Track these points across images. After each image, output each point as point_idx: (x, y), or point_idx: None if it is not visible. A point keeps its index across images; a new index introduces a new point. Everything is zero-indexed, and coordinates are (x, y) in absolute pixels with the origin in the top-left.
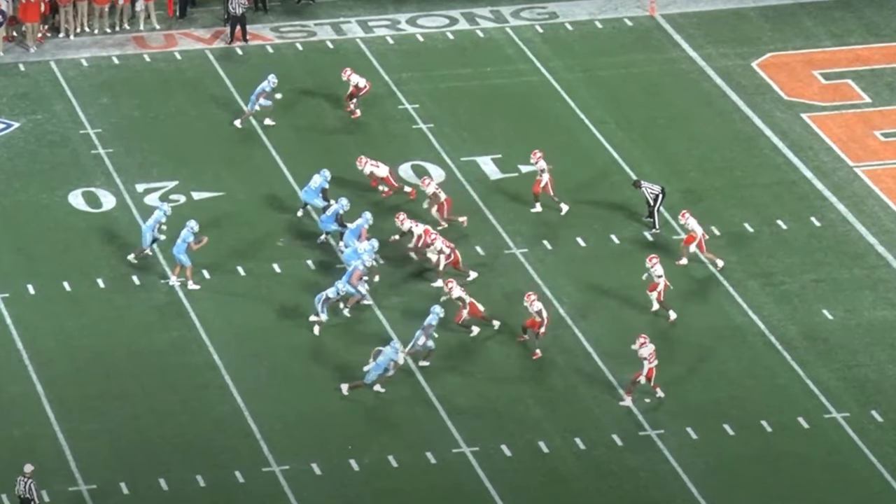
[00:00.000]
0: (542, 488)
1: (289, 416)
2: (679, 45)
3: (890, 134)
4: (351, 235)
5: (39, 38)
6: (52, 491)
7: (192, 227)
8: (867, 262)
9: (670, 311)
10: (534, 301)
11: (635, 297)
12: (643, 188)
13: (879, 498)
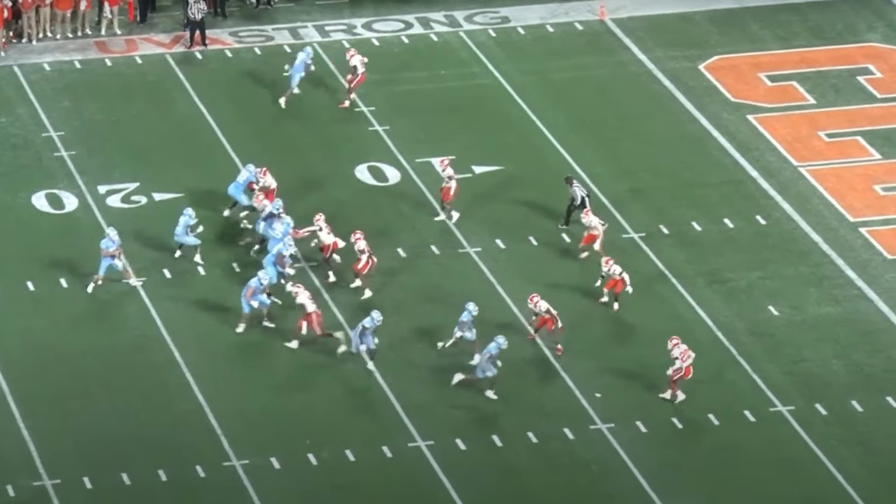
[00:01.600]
0: (495, 481)
1: (249, 413)
2: (628, 49)
3: (834, 134)
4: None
5: (3, 43)
6: (16, 486)
7: (190, 214)
8: (812, 260)
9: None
10: (538, 302)
11: (587, 294)
12: (574, 187)
13: (824, 489)
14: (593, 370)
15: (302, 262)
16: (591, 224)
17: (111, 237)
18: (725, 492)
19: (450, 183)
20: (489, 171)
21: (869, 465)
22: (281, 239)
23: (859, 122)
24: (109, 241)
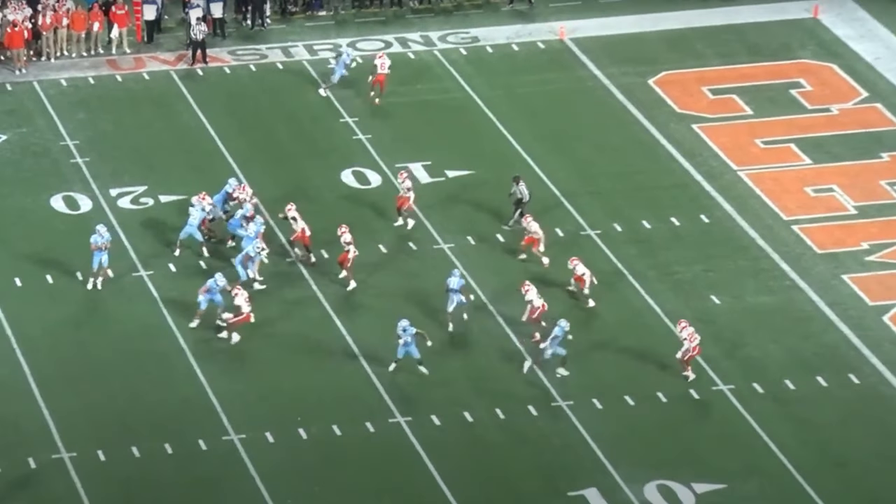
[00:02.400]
0: (467, 453)
1: (245, 393)
2: (586, 66)
3: (769, 142)
4: (248, 241)
5: (24, 61)
6: (36, 458)
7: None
8: (750, 254)
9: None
10: (528, 290)
11: (551, 285)
12: (519, 185)
13: (760, 458)
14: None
15: (292, 257)
16: (532, 229)
17: (100, 232)
18: (673, 462)
19: (408, 193)
20: (461, 175)
21: (800, 437)
22: (253, 238)
23: (792, 130)
24: (98, 237)
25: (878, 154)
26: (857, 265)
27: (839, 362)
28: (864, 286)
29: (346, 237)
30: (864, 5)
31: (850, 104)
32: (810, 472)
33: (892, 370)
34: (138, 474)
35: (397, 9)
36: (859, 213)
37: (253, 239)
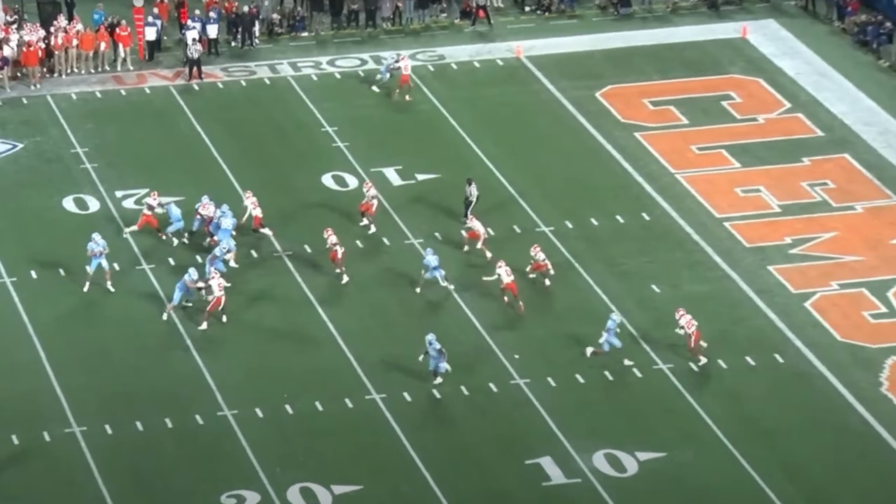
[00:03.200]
0: (436, 427)
1: (238, 373)
2: (540, 80)
3: (703, 148)
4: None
5: (38, 77)
6: (51, 432)
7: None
8: (686, 248)
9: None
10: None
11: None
12: (470, 187)
13: (696, 429)
14: (513, 337)
15: (279, 252)
16: (475, 227)
17: (96, 240)
18: (618, 433)
19: (372, 200)
20: (429, 178)
21: (731, 410)
22: (230, 231)
23: (723, 137)
24: (94, 244)
25: (800, 159)
26: (781, 257)
27: (765, 344)
28: (788, 276)
29: (332, 238)
30: (786, 26)
31: (775, 114)
32: (740, 441)
33: (812, 351)
34: (142, 446)
35: (372, 30)
36: (783, 212)
37: (230, 232)
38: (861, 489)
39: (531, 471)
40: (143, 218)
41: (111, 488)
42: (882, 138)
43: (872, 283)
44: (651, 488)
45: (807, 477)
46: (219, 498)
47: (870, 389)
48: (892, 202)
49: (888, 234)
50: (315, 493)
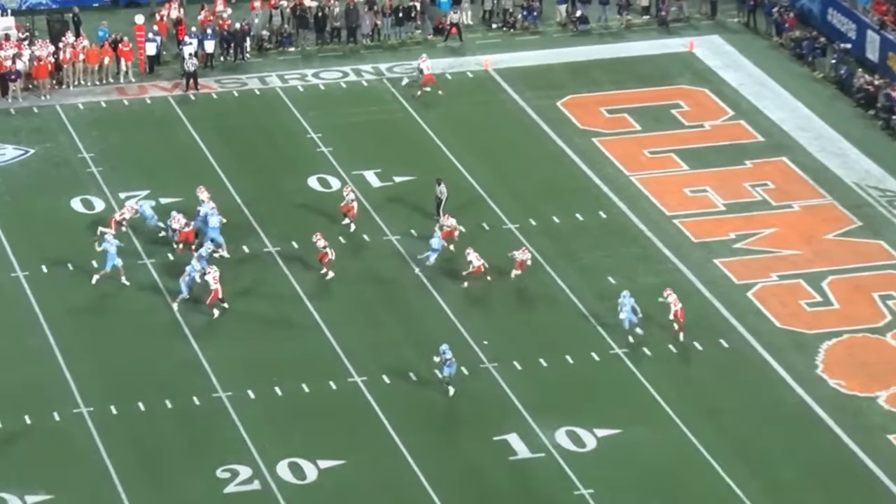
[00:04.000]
0: (411, 407)
1: (232, 358)
2: (506, 91)
3: (654, 152)
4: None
5: (48, 88)
6: (60, 413)
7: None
8: (639, 244)
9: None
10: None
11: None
12: (440, 186)
13: (647, 408)
14: (483, 325)
15: (269, 247)
16: (450, 224)
17: (109, 240)
18: (579, 412)
19: (352, 203)
20: (405, 180)
21: (680, 391)
22: (218, 229)
23: (672, 143)
24: (109, 244)
25: (743, 161)
26: (726, 251)
27: (712, 330)
28: (732, 268)
29: (320, 242)
30: (729, 41)
31: (720, 121)
32: (688, 419)
33: (754, 336)
34: (144, 425)
35: (352, 46)
36: (727, 210)
37: (218, 229)
38: (799, 461)
39: (499, 446)
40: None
41: (115, 463)
42: (817, 143)
43: (808, 274)
44: (608, 462)
45: (750, 451)
46: (214, 472)
47: (806, 372)
48: (826, 201)
49: (822, 230)
50: (302, 467)
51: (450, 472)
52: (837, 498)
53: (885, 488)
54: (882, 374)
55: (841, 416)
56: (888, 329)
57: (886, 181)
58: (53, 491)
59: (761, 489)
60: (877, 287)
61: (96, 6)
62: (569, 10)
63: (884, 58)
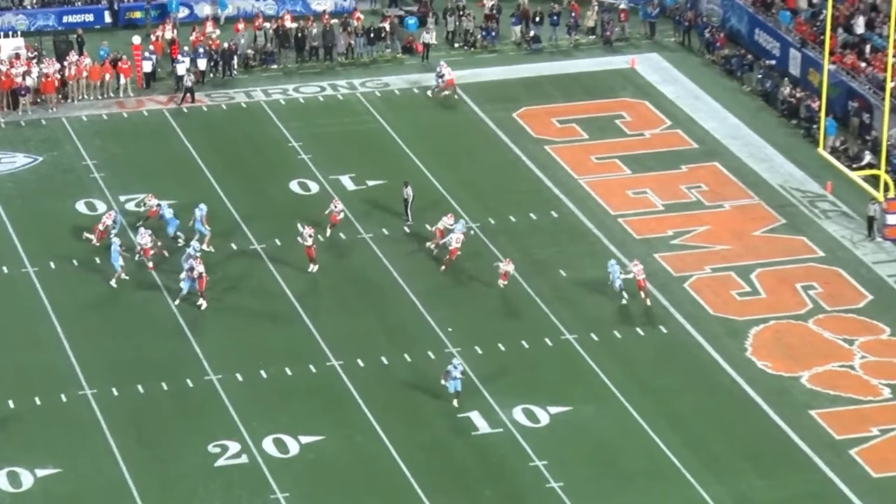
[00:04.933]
0: (383, 387)
1: (222, 344)
2: (467, 103)
3: (600, 158)
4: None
5: (55, 102)
6: (67, 394)
7: (202, 208)
8: (587, 241)
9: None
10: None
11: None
12: (407, 188)
13: (597, 390)
14: (447, 314)
15: (255, 245)
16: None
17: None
18: (533, 391)
19: (339, 215)
20: (377, 184)
21: (624, 372)
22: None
23: (616, 150)
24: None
25: (679, 166)
26: (665, 247)
27: (652, 317)
28: (670, 262)
29: (310, 239)
30: (667, 58)
31: (658, 130)
32: (631, 397)
33: (689, 322)
34: (142, 405)
35: (329, 63)
36: (665, 209)
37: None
38: (730, 434)
39: (462, 422)
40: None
41: (117, 440)
42: (745, 149)
43: (738, 267)
44: (560, 436)
45: (686, 426)
46: (206, 447)
47: (737, 354)
48: (754, 201)
49: (751, 228)
50: (285, 442)
51: (418, 446)
52: (764, 467)
53: (808, 458)
54: (804, 356)
55: (768, 394)
56: (810, 316)
57: (808, 183)
58: (61, 465)
59: (696, 459)
60: (799, 278)
61: (98, 28)
62: (523, 31)
63: (805, 73)
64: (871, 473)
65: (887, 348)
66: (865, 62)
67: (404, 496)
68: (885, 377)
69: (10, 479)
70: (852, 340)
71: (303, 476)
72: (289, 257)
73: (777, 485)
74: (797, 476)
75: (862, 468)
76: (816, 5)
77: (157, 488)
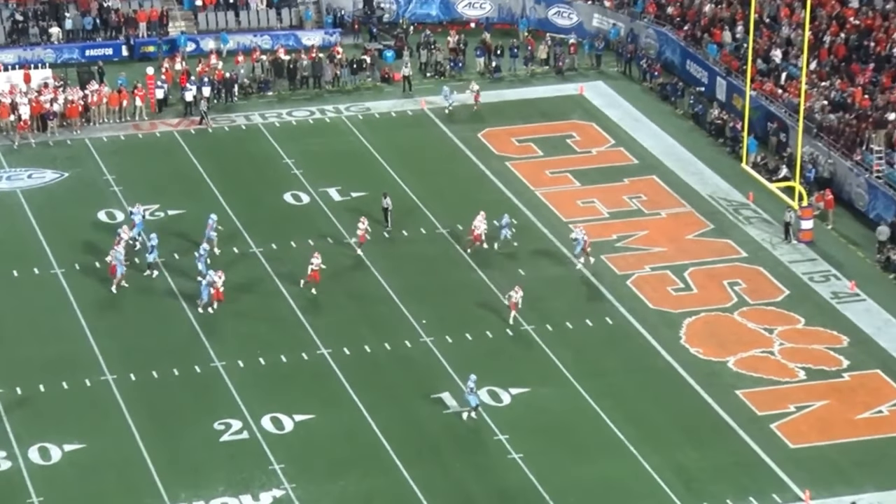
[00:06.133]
0: (366, 371)
1: (227, 333)
2: (438, 125)
3: (554, 172)
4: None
5: (79, 125)
6: (91, 380)
7: (213, 217)
8: (543, 243)
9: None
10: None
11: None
12: (386, 199)
13: (550, 371)
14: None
15: (253, 248)
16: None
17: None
18: (497, 375)
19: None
20: (360, 195)
21: (575, 358)
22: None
23: (567, 165)
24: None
25: (622, 179)
26: (610, 249)
27: (599, 310)
28: (614, 262)
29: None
30: (611, 86)
31: (604, 148)
32: (582, 379)
33: (631, 314)
34: (156, 388)
35: (317, 90)
36: (611, 217)
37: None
38: (667, 411)
39: (435, 402)
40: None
41: (134, 418)
42: (679, 164)
43: (673, 266)
44: (520, 414)
45: (629, 404)
46: (212, 425)
47: (672, 342)
48: (686, 210)
49: (683, 233)
50: (281, 420)
51: (397, 423)
52: (697, 439)
53: (734, 431)
54: (730, 343)
55: (699, 376)
56: (735, 308)
57: (732, 193)
58: (85, 441)
59: (638, 433)
60: (726, 276)
61: (116, 60)
62: (486, 62)
63: (729, 98)
64: (789, 444)
65: (802, 336)
66: (782, 88)
67: (384, 466)
68: (801, 361)
69: (41, 453)
70: (772, 329)
71: (296, 449)
72: (283, 258)
73: (707, 455)
74: (725, 447)
75: (780, 440)
76: (739, 39)
77: (168, 460)
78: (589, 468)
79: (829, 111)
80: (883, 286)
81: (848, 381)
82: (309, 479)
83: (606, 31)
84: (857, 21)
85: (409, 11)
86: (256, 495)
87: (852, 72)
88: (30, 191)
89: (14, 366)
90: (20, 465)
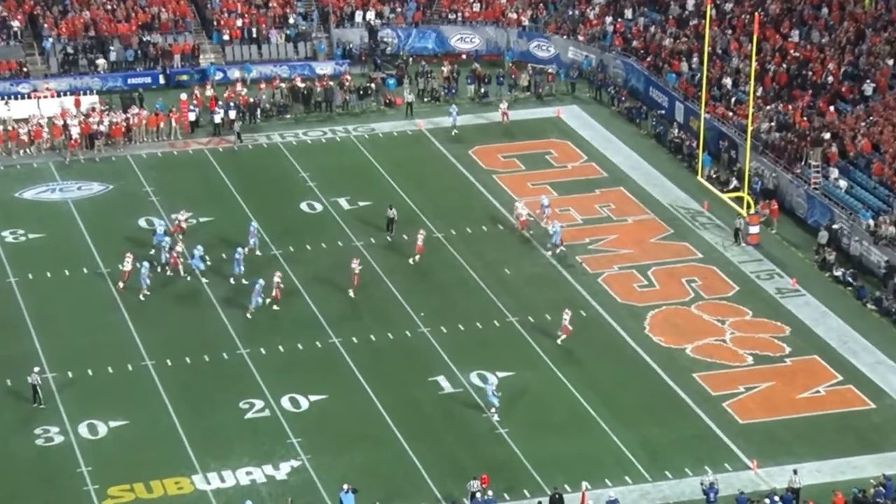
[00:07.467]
0: (371, 357)
1: (249, 325)
2: (434, 143)
3: (535, 184)
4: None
5: (122, 144)
6: (132, 364)
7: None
8: (525, 247)
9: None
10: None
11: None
12: (392, 209)
13: (533, 358)
14: (420, 301)
15: (274, 251)
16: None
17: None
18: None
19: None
20: (366, 204)
21: (554, 346)
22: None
23: (546, 178)
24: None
25: (594, 190)
26: (584, 251)
27: (575, 304)
28: (588, 262)
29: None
30: (584, 109)
31: (578, 163)
32: (561, 365)
33: (603, 308)
34: (189, 372)
35: (329, 113)
36: (584, 222)
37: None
38: (634, 392)
39: (431, 385)
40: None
41: (170, 398)
42: (644, 178)
43: (638, 266)
44: (506, 394)
45: (601, 386)
46: (238, 404)
47: (638, 332)
48: (650, 217)
49: (648, 236)
50: (298, 400)
51: (399, 403)
52: (659, 417)
53: (692, 409)
54: (688, 333)
55: (661, 362)
56: (692, 303)
57: (690, 202)
58: (128, 418)
59: (609, 412)
60: (684, 274)
61: (154, 88)
62: (476, 88)
63: (687, 120)
64: (739, 420)
65: (750, 326)
66: (732, 111)
67: (387, 440)
68: (749, 348)
69: (90, 429)
70: (724, 321)
71: (311, 425)
72: (299, 259)
73: (669, 430)
74: (684, 423)
75: (731, 416)
76: (695, 69)
77: (200, 435)
78: (566, 442)
79: (773, 131)
80: (820, 283)
81: (790, 366)
82: (322, 451)
83: (580, 61)
84: (797, 53)
85: (408, 45)
86: (277, 465)
87: (793, 97)
88: (79, 201)
89: (66, 353)
90: (71, 440)
